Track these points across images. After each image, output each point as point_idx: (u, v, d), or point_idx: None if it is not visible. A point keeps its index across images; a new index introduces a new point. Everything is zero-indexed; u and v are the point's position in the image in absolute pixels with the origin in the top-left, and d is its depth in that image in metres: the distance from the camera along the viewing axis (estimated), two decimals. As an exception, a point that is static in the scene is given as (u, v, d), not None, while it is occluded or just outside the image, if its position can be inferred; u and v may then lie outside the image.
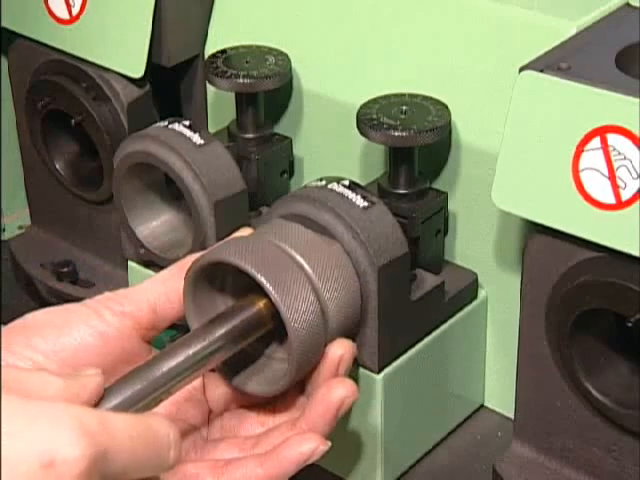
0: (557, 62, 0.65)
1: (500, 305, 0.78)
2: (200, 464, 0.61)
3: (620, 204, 0.61)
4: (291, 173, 0.85)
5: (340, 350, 0.63)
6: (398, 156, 0.74)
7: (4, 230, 1.04)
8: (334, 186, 0.68)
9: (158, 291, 0.63)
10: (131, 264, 0.83)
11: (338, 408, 0.62)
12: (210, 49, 0.87)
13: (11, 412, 0.46)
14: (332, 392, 0.62)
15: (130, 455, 0.49)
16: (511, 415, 0.74)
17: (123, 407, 0.54)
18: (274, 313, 0.61)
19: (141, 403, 0.55)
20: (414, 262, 0.72)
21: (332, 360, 0.63)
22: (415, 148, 0.74)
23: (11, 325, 0.58)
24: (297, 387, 0.65)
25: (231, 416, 0.66)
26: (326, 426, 0.62)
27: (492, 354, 0.80)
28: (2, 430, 0.45)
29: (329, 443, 0.61)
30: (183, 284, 0.62)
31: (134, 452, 0.49)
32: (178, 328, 0.68)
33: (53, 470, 0.45)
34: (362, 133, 0.73)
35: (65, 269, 0.94)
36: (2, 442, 0.44)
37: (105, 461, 0.47)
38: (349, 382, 0.62)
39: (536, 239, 0.67)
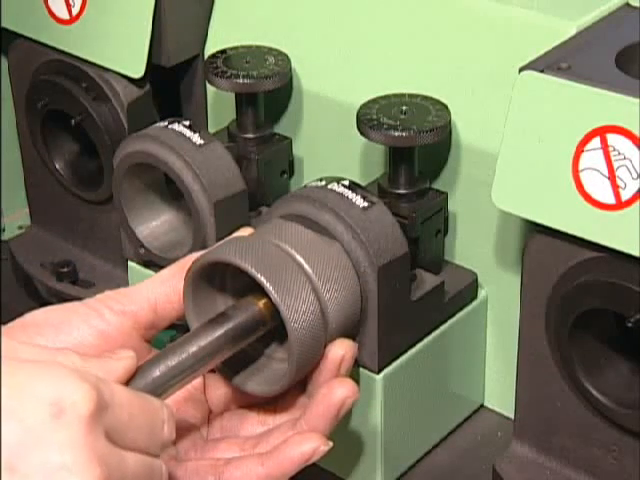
0: (557, 62, 0.65)
1: (500, 305, 0.78)
2: (201, 462, 0.62)
3: (620, 204, 0.61)
4: (291, 173, 0.85)
5: (341, 350, 0.63)
6: (398, 156, 0.74)
7: (4, 230, 1.04)
8: (334, 186, 0.68)
9: (158, 290, 0.63)
10: (131, 264, 0.83)
11: (339, 408, 0.62)
12: (210, 49, 0.87)
13: (11, 372, 0.47)
14: (333, 392, 0.62)
15: (128, 415, 0.50)
16: (511, 415, 0.75)
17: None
18: (274, 313, 0.61)
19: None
20: (414, 262, 0.72)
21: (333, 360, 0.63)
22: (415, 148, 0.74)
23: (11, 324, 0.58)
24: (298, 387, 0.65)
25: (231, 416, 0.66)
26: (327, 426, 0.62)
27: (492, 354, 0.80)
28: (4, 387, 0.46)
29: (330, 443, 0.61)
30: (183, 284, 0.63)
31: (132, 413, 0.50)
32: (178, 328, 0.68)
33: (64, 417, 0.46)
34: (362, 133, 0.73)
35: (65, 269, 0.94)
36: (7, 399, 0.46)
37: (107, 414, 0.48)
38: (350, 382, 0.62)
39: (536, 239, 0.67)
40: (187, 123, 0.78)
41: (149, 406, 0.52)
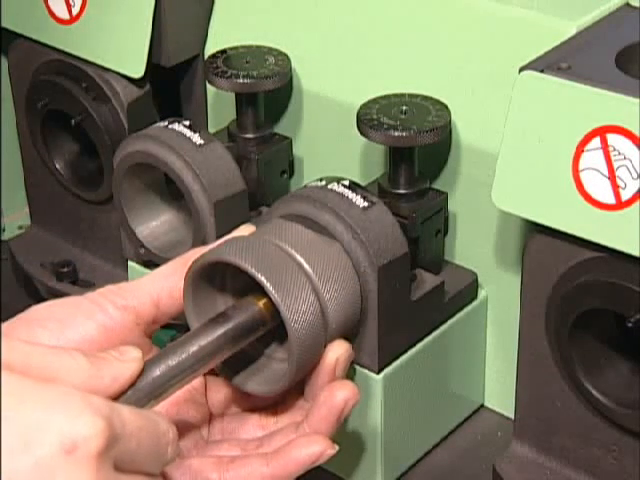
0: (557, 62, 0.65)
1: (500, 305, 0.78)
2: (205, 460, 0.61)
3: (620, 204, 0.61)
4: (291, 173, 0.85)
5: (336, 352, 0.63)
6: (398, 156, 0.74)
7: (4, 230, 1.04)
8: (334, 186, 0.68)
9: (160, 285, 0.63)
10: (131, 264, 0.83)
11: (341, 411, 0.62)
12: (210, 49, 0.87)
13: (25, 397, 0.47)
14: (334, 395, 0.62)
15: (137, 443, 0.50)
16: (511, 415, 0.74)
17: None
18: (274, 313, 0.61)
19: (141, 402, 0.55)
20: (414, 262, 0.72)
21: (329, 362, 0.63)
22: (415, 148, 0.74)
23: (14, 319, 0.58)
24: (298, 390, 0.65)
25: (231, 419, 0.66)
26: (329, 429, 0.62)
27: (492, 354, 0.80)
28: (19, 416, 0.46)
29: (337, 447, 0.61)
30: (183, 282, 0.62)
31: (140, 441, 0.50)
32: (178, 328, 0.68)
33: (75, 454, 0.46)
34: (362, 133, 0.73)
35: (65, 269, 0.94)
36: (21, 430, 0.46)
37: (117, 446, 0.48)
38: (350, 385, 0.62)
39: (536, 239, 0.67)
40: (187, 123, 0.78)
41: (156, 430, 0.52)
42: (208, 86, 0.88)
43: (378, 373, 0.70)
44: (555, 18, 0.71)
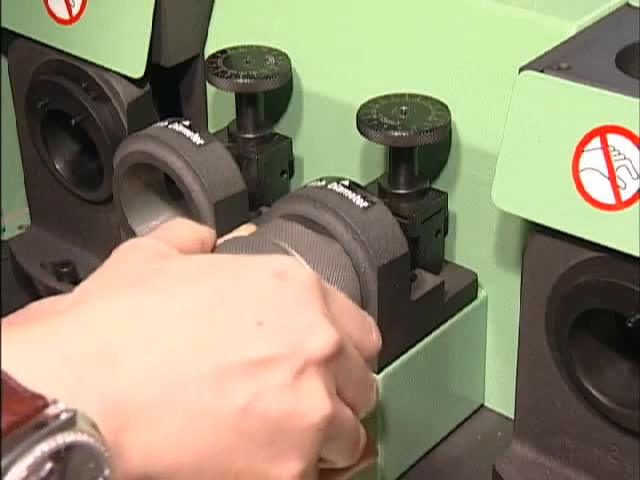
0: (557, 62, 0.65)
1: (500, 305, 0.78)
2: None
3: (620, 204, 0.61)
4: (291, 173, 0.85)
5: None
6: (398, 156, 0.74)
7: (4, 230, 1.04)
8: (334, 186, 0.68)
9: None
10: (131, 264, 0.83)
11: None
12: (210, 49, 0.87)
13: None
14: None
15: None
16: (511, 415, 0.74)
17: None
18: (274, 313, 0.61)
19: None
20: (414, 262, 0.72)
21: None
22: (415, 148, 0.74)
23: (13, 315, 0.58)
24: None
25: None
26: None
27: (492, 354, 0.80)
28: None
29: None
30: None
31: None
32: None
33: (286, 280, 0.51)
34: (362, 133, 0.73)
35: (65, 269, 0.94)
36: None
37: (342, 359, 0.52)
38: None
39: (536, 239, 0.67)
40: (187, 123, 0.78)
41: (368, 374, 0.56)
42: (208, 86, 0.88)
43: (378, 373, 0.70)
44: (555, 18, 0.71)
